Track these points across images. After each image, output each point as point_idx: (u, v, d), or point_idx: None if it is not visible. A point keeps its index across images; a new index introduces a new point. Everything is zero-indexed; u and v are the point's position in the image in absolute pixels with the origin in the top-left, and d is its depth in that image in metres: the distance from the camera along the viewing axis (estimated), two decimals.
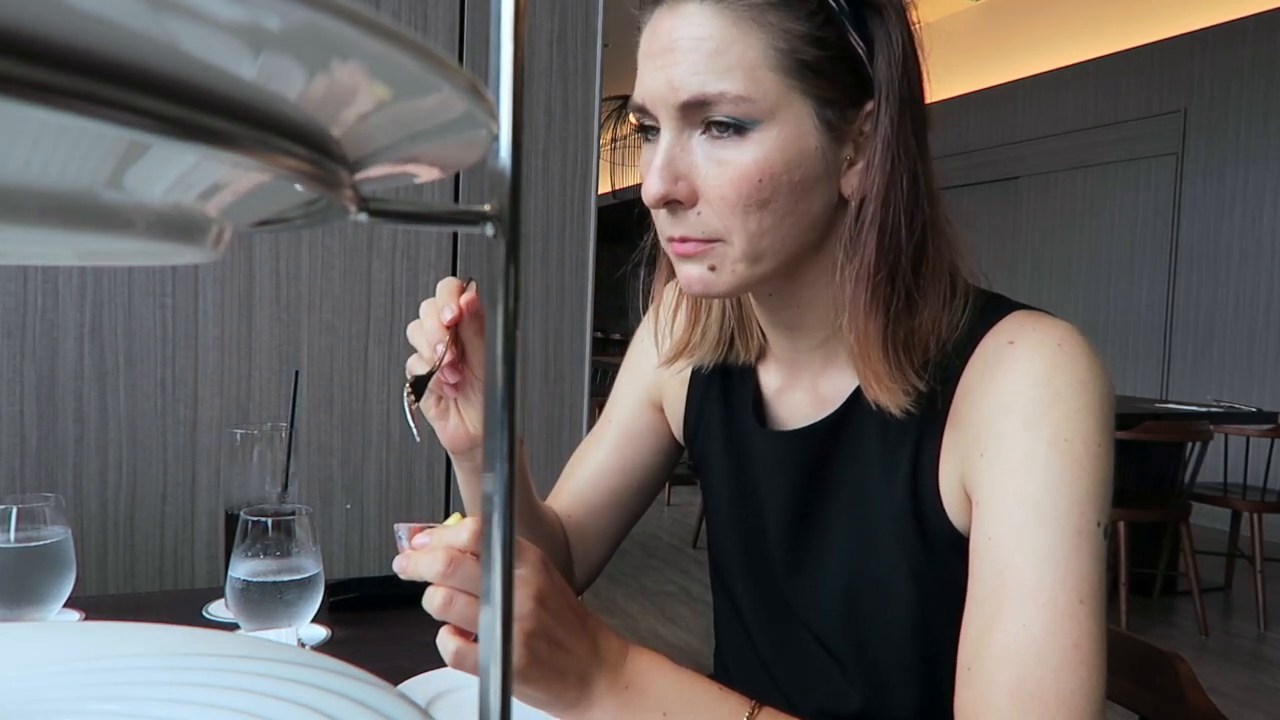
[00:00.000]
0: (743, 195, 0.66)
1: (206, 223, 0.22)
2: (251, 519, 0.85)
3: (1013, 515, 0.65)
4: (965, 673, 0.64)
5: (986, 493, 0.67)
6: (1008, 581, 0.63)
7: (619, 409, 0.99)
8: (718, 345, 0.85)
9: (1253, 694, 3.17)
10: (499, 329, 0.28)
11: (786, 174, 0.67)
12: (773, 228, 0.68)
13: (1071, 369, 0.67)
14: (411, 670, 0.91)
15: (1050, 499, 0.64)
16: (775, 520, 0.82)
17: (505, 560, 0.29)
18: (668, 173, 0.68)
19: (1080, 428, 0.65)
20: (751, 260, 0.69)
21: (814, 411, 0.80)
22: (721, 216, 0.68)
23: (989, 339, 0.70)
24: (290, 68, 0.17)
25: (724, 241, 0.69)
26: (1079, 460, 0.65)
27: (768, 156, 0.66)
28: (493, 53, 0.26)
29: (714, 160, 0.67)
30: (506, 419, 0.29)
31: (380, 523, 1.62)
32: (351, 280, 1.57)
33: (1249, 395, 5.31)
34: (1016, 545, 0.64)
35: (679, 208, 0.69)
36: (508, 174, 0.26)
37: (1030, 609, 0.62)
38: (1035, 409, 0.66)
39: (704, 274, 0.70)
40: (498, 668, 0.29)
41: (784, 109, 0.66)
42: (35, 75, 0.13)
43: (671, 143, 0.68)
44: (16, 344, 1.39)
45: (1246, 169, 5.46)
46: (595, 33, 1.69)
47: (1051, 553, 0.63)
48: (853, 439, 0.76)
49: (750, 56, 0.65)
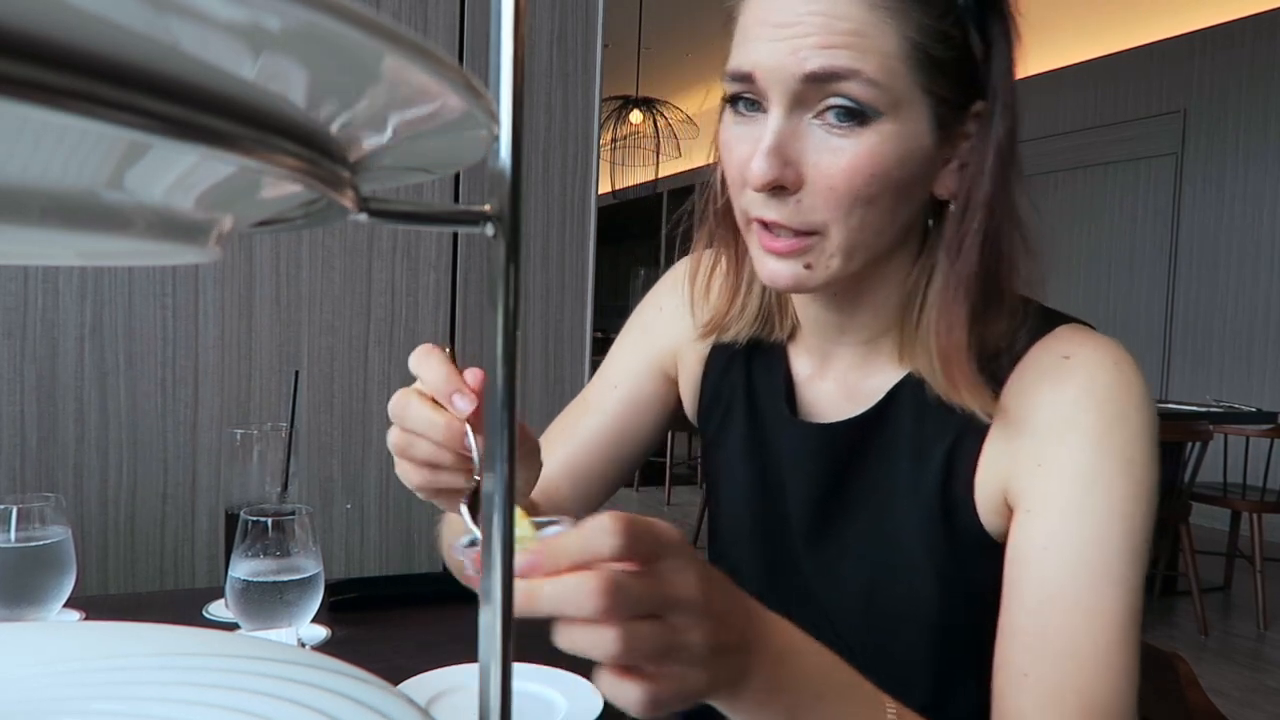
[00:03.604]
0: (853, 188, 0.64)
1: (207, 223, 0.22)
2: (252, 519, 0.85)
3: (1076, 529, 0.66)
4: (1021, 678, 0.65)
5: (1044, 503, 0.67)
6: (1072, 594, 0.65)
7: (624, 375, 0.94)
8: (755, 321, 0.83)
9: (1252, 694, 3.17)
10: (499, 329, 0.28)
11: (897, 170, 0.65)
12: (872, 224, 0.66)
13: (1129, 389, 0.68)
14: (411, 670, 0.91)
15: (1115, 519, 0.65)
16: (798, 510, 0.81)
17: (505, 560, 0.29)
18: (778, 156, 0.64)
19: (1141, 449, 0.67)
20: (846, 256, 0.67)
21: (845, 405, 0.79)
22: (824, 207, 0.65)
23: (1040, 349, 0.71)
24: (290, 68, 0.17)
25: (820, 235, 0.67)
26: (1141, 482, 0.66)
27: (883, 150, 0.64)
28: (493, 53, 0.26)
29: (828, 147, 0.64)
30: (506, 419, 0.29)
31: (380, 523, 1.62)
32: (351, 280, 1.57)
33: (1248, 395, 5.31)
34: (1080, 559, 0.65)
35: (781, 193, 0.66)
36: (508, 174, 0.26)
37: (1097, 625, 0.64)
38: (1100, 427, 0.67)
39: (798, 273, 0.68)
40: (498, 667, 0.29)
41: (906, 104, 0.64)
42: (36, 75, 0.13)
43: (783, 123, 0.65)
44: (17, 344, 1.39)
45: (1246, 169, 5.46)
46: (595, 33, 1.69)
47: (1113, 571, 0.65)
48: (885, 437, 0.76)
49: (885, 44, 0.63)
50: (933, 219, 0.73)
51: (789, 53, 0.63)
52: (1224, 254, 5.58)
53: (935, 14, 0.64)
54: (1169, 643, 3.48)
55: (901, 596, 0.75)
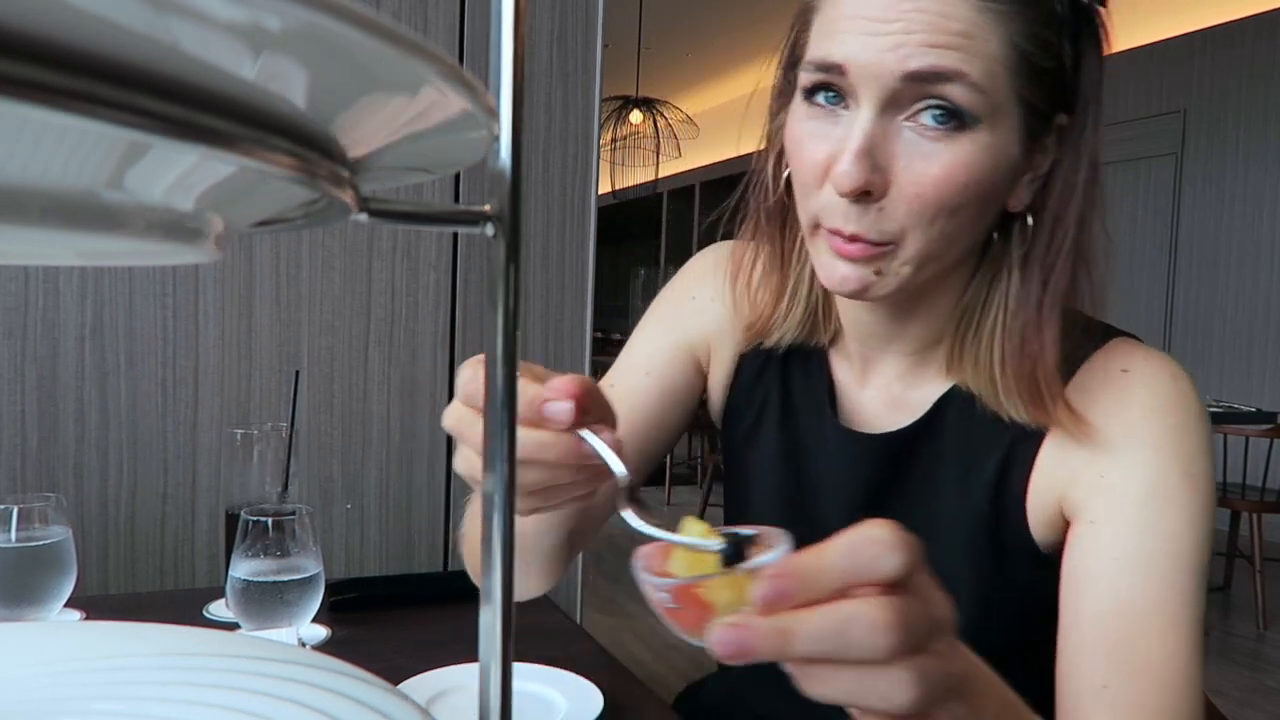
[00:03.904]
0: (941, 197, 0.61)
1: (207, 223, 0.22)
2: (252, 519, 0.85)
3: (1146, 541, 0.65)
4: (1101, 690, 0.64)
5: (1108, 514, 0.67)
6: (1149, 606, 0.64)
7: (658, 364, 0.88)
8: (801, 324, 0.79)
9: (1252, 694, 3.17)
10: (499, 329, 0.28)
11: (988, 181, 0.62)
12: (951, 235, 0.64)
13: (1189, 403, 0.69)
14: (411, 670, 0.91)
15: (1184, 531, 0.66)
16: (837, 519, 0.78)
17: (505, 560, 0.29)
18: (868, 160, 0.60)
19: (1203, 463, 0.67)
20: (919, 265, 0.64)
21: (889, 414, 0.77)
22: (907, 215, 0.62)
23: (1096, 362, 0.71)
24: (290, 68, 0.17)
25: (895, 245, 0.63)
26: (1205, 496, 0.67)
27: (978, 160, 0.61)
28: (493, 53, 0.26)
29: (920, 153, 0.61)
30: (506, 419, 0.29)
31: (380, 523, 1.62)
32: (352, 280, 1.57)
33: (1248, 395, 5.31)
34: (1153, 571, 0.65)
35: (865, 199, 0.62)
36: (508, 174, 0.26)
37: (1174, 637, 0.64)
38: (1166, 440, 0.67)
39: (867, 279, 0.64)
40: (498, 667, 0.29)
41: (1003, 112, 0.62)
42: (36, 75, 0.13)
43: (874, 124, 0.61)
44: (17, 344, 1.39)
45: (1246, 169, 5.46)
46: (595, 33, 1.69)
47: (1186, 583, 0.65)
48: (932, 448, 0.75)
49: (992, 49, 0.60)
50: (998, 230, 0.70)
51: (890, 48, 0.59)
52: (1224, 254, 5.57)
53: (1039, 21, 0.61)
54: None
55: None
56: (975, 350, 0.71)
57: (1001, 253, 0.70)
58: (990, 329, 0.69)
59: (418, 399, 1.60)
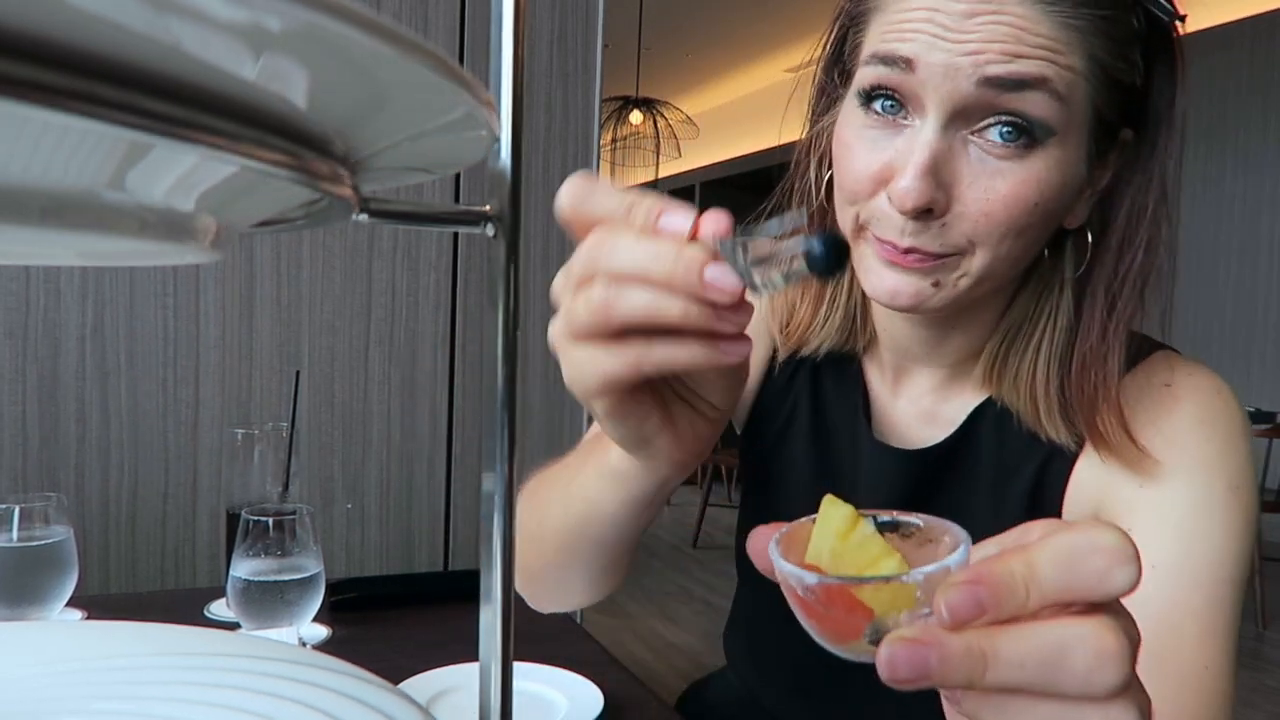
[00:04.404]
0: (1012, 217, 0.58)
1: (207, 223, 0.22)
2: (253, 518, 0.85)
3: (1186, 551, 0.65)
4: None
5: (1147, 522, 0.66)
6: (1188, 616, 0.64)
7: None
8: (841, 332, 0.76)
9: (1252, 693, 3.17)
10: (499, 329, 0.28)
11: (1056, 199, 0.59)
12: (1018, 253, 0.61)
13: (1233, 418, 0.68)
14: (412, 669, 0.91)
15: (1227, 543, 0.65)
16: None
17: (505, 560, 0.29)
18: (933, 178, 0.56)
19: (1247, 477, 0.67)
20: (979, 282, 0.61)
21: (923, 428, 0.76)
22: (974, 234, 0.58)
23: (1139, 376, 0.69)
24: (291, 68, 0.17)
25: (960, 255, 0.60)
26: (1247, 509, 0.66)
27: (1048, 177, 0.58)
28: (493, 53, 0.26)
29: (989, 171, 0.57)
30: (506, 419, 0.29)
31: (380, 523, 1.62)
32: (352, 280, 1.57)
33: (1248, 395, 5.31)
34: (1193, 582, 0.64)
35: (926, 217, 0.58)
36: (508, 174, 0.26)
37: (1211, 649, 0.63)
38: (1212, 454, 0.66)
39: (922, 290, 0.60)
40: (498, 667, 0.29)
41: (1074, 128, 0.58)
42: (37, 76, 0.13)
43: (939, 138, 0.57)
44: (18, 344, 1.39)
45: (1245, 170, 5.46)
46: (595, 33, 1.69)
47: (1225, 595, 0.64)
48: (967, 462, 0.74)
49: (1074, 59, 0.56)
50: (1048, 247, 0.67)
51: (967, 52, 0.55)
52: (1223, 254, 5.58)
53: (1119, 36, 0.59)
54: None
55: None
56: (1018, 367, 0.68)
57: (1052, 269, 0.67)
58: (1037, 347, 0.67)
59: (418, 399, 1.60)
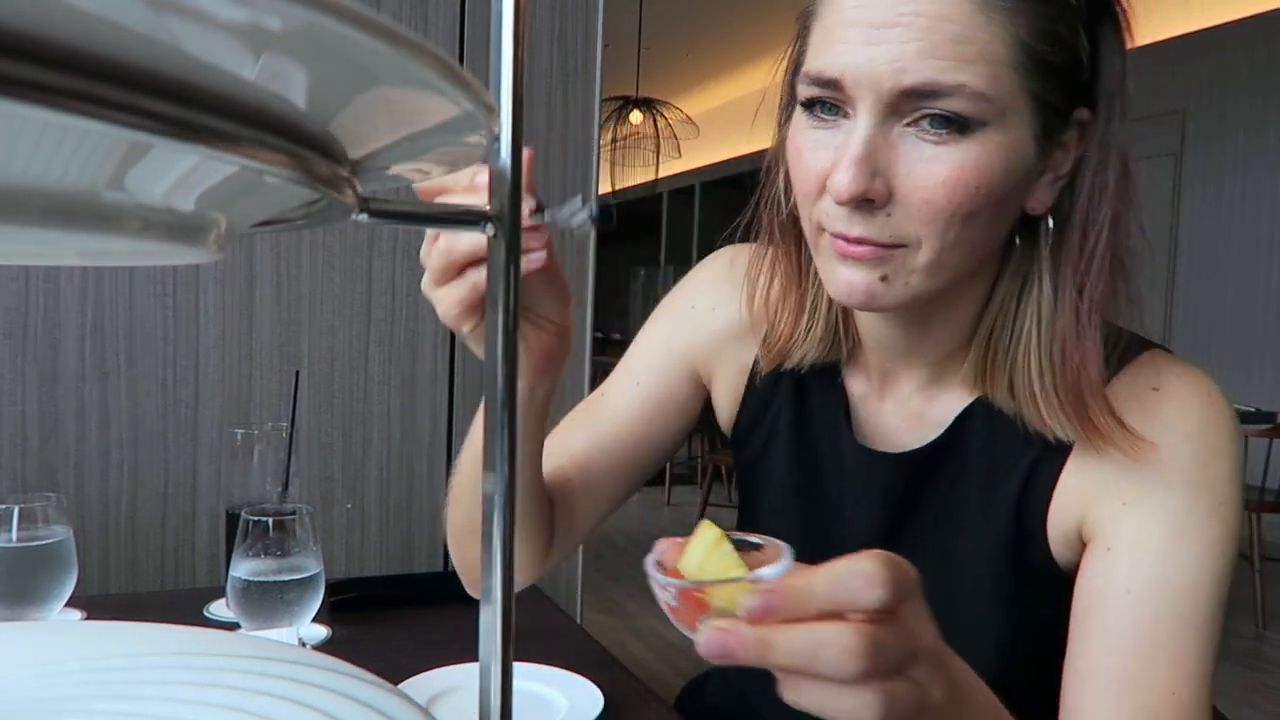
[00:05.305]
0: (953, 202, 0.59)
1: (207, 223, 0.22)
2: (252, 519, 0.85)
3: (1164, 575, 0.63)
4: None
5: (1127, 541, 0.65)
6: (1158, 643, 0.63)
7: (650, 374, 0.86)
8: (823, 343, 0.76)
9: (1252, 693, 3.17)
10: (499, 329, 0.28)
11: (1002, 183, 0.60)
12: (966, 241, 0.61)
13: (1222, 424, 0.66)
14: (411, 670, 0.91)
15: (1205, 567, 0.63)
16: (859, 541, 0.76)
17: (505, 560, 0.29)
18: (866, 167, 0.58)
19: (1232, 490, 0.65)
20: (931, 273, 0.62)
21: (909, 431, 0.75)
22: (918, 221, 0.60)
23: (1126, 378, 0.67)
24: (290, 68, 0.17)
25: (906, 248, 0.61)
26: (1230, 523, 0.64)
27: (989, 162, 0.59)
28: (493, 53, 0.26)
29: (924, 158, 0.59)
30: (506, 419, 0.29)
31: (380, 523, 1.62)
32: (352, 280, 1.57)
33: (1248, 395, 5.31)
34: (1167, 608, 0.63)
35: (868, 207, 0.60)
36: (508, 174, 0.26)
37: (1180, 678, 0.62)
38: (1194, 466, 0.64)
39: (872, 284, 0.62)
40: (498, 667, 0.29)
41: (1012, 112, 0.59)
42: (37, 76, 0.13)
43: (873, 132, 0.59)
44: (18, 344, 1.39)
45: (1245, 169, 5.46)
46: (595, 33, 1.69)
47: (1200, 622, 0.63)
48: (954, 465, 0.73)
49: (995, 49, 0.57)
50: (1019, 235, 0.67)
51: (886, 61, 0.57)
52: (1223, 254, 5.57)
53: (1049, 15, 0.58)
54: None
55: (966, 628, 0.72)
56: (1009, 364, 0.67)
57: (1027, 258, 0.67)
58: (1025, 341, 0.66)
59: (418, 399, 1.60)
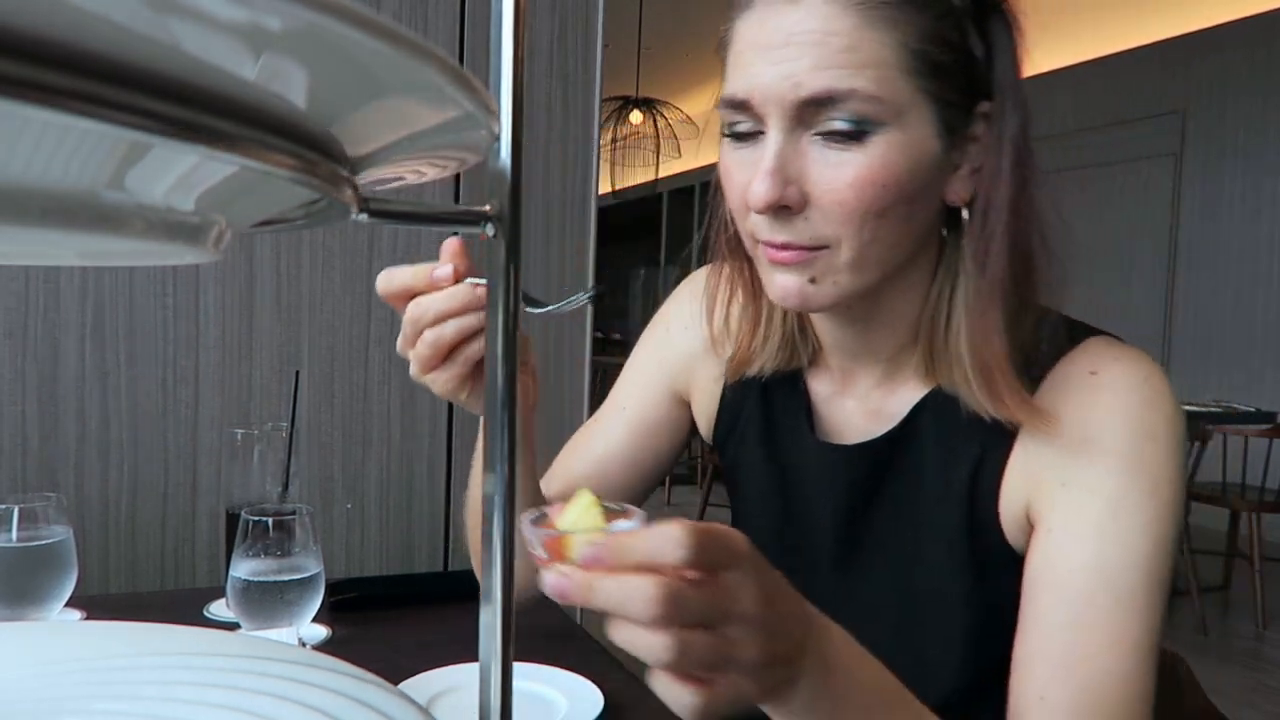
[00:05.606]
0: (863, 201, 0.63)
1: (207, 223, 0.22)
2: (252, 519, 0.85)
3: (1101, 554, 0.65)
4: (1038, 701, 0.64)
5: (1067, 522, 0.67)
6: (1093, 621, 0.64)
7: (634, 398, 0.93)
8: (779, 352, 0.81)
9: (1251, 693, 3.17)
10: (499, 329, 0.28)
11: (909, 179, 0.64)
12: (884, 237, 0.65)
13: (1159, 406, 0.67)
14: (411, 670, 0.91)
15: (1141, 545, 0.65)
16: (824, 533, 0.80)
17: (505, 560, 0.29)
18: (779, 176, 0.63)
19: (1170, 471, 0.66)
20: (856, 270, 0.66)
21: (868, 424, 0.78)
22: (834, 222, 0.64)
23: (1067, 364, 0.69)
24: (291, 69, 0.17)
25: (829, 249, 0.65)
26: (1168, 505, 0.65)
27: (891, 160, 0.63)
28: (493, 53, 0.26)
29: (831, 163, 0.63)
30: (506, 419, 0.29)
31: (380, 523, 1.62)
32: (352, 280, 1.57)
33: (1248, 395, 5.31)
34: (1103, 586, 0.64)
35: (786, 213, 0.65)
36: (508, 174, 0.26)
37: (1117, 653, 0.63)
38: (1128, 447, 0.66)
39: (803, 286, 0.67)
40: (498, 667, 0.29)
41: (910, 111, 0.63)
42: (37, 76, 0.13)
43: (783, 143, 0.64)
44: (18, 343, 1.39)
45: (1245, 169, 5.46)
46: (595, 33, 1.69)
47: (1136, 599, 0.64)
48: (910, 455, 0.75)
49: (882, 55, 0.61)
50: (948, 228, 0.71)
51: (783, 76, 0.62)
52: (1223, 254, 5.57)
53: (931, 17, 0.62)
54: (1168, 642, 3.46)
55: (929, 615, 0.75)
56: (947, 352, 0.70)
57: (955, 251, 0.70)
58: (957, 329, 0.69)
59: (418, 399, 1.60)
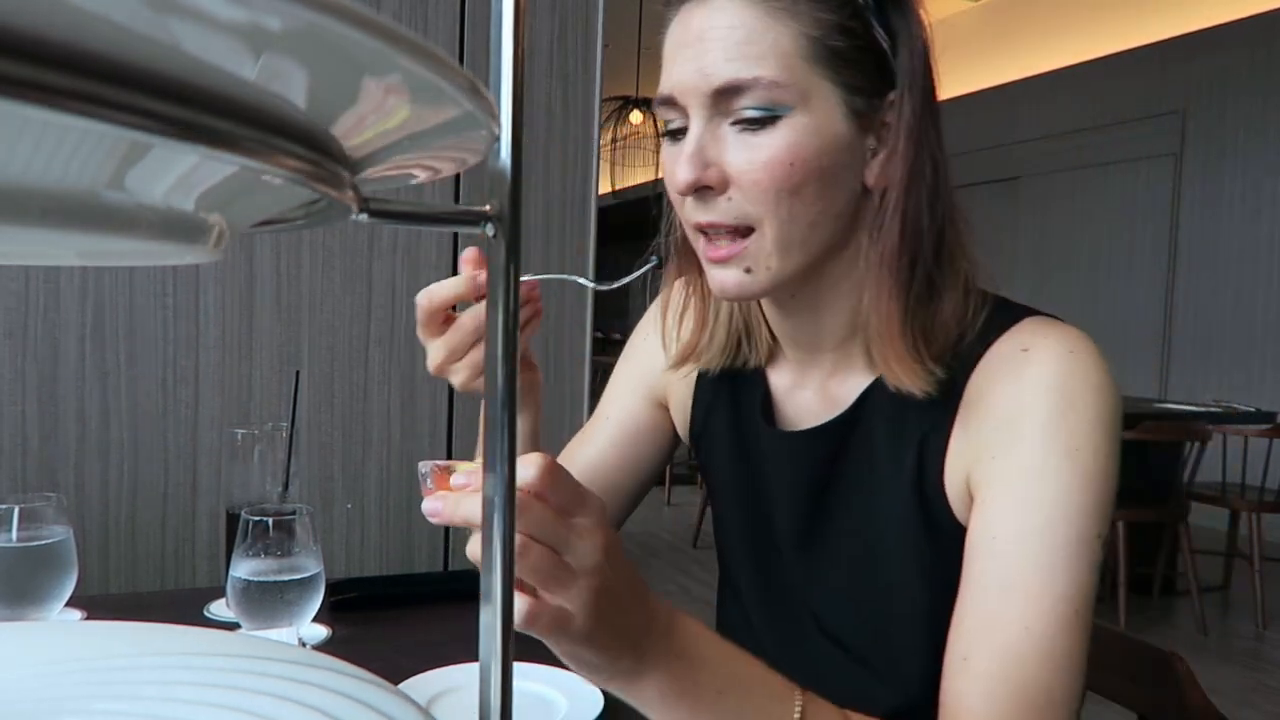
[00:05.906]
0: (776, 179, 0.67)
1: (207, 223, 0.22)
2: (252, 519, 0.85)
3: (1021, 519, 0.67)
4: (961, 662, 0.67)
5: (994, 492, 0.69)
6: (1013, 582, 0.66)
7: (617, 406, 0.98)
8: (725, 349, 0.86)
9: (1251, 693, 3.17)
10: (499, 329, 0.28)
11: (817, 160, 0.68)
12: (803, 215, 0.69)
13: (1085, 377, 0.69)
14: (412, 670, 0.91)
15: (1059, 508, 0.67)
16: (785, 518, 0.83)
17: (505, 560, 0.29)
18: (698, 159, 0.69)
19: (1091, 437, 0.68)
20: (783, 251, 0.70)
21: (824, 411, 0.81)
22: (754, 201, 0.68)
23: (1002, 343, 0.72)
24: (291, 69, 0.17)
25: (756, 231, 0.69)
26: (1087, 470, 0.67)
27: (800, 141, 0.67)
28: (493, 53, 0.26)
29: (746, 145, 0.68)
30: (506, 419, 0.29)
31: (380, 523, 1.62)
32: (352, 280, 1.57)
33: (1248, 395, 5.31)
34: (1022, 548, 0.67)
35: (709, 194, 0.70)
36: (508, 174, 0.26)
37: (1033, 613, 0.65)
38: (1049, 416, 0.68)
39: (740, 278, 0.71)
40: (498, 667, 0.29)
41: (815, 96, 0.67)
42: (37, 76, 0.13)
43: (701, 130, 0.69)
44: (18, 344, 1.39)
45: (1245, 169, 5.46)
46: (595, 33, 1.69)
47: (1055, 560, 0.66)
48: (862, 438, 0.78)
49: (783, 44, 0.66)
50: None
51: (695, 72, 0.68)
52: (1223, 254, 5.58)
53: (830, 8, 0.67)
54: (1168, 642, 3.47)
55: (888, 593, 0.77)
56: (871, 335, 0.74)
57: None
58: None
59: (418, 399, 1.60)
